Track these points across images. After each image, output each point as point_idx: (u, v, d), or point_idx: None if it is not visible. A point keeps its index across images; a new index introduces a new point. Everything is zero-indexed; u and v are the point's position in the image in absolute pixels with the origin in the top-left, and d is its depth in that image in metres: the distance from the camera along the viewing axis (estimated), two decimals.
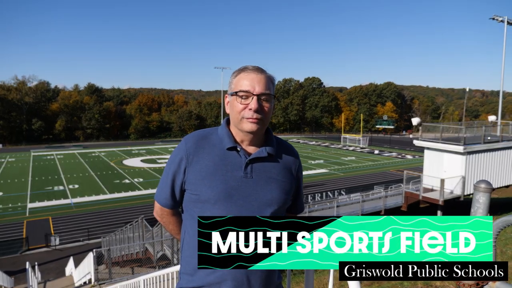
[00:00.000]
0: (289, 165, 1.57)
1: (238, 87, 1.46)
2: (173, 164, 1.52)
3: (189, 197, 1.50)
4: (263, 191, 1.47)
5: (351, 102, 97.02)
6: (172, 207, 1.60)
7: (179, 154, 1.50)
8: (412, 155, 48.68)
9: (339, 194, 25.08)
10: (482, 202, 1.42)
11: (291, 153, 1.61)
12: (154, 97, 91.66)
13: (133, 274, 11.30)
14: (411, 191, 18.96)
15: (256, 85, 1.44)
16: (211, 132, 1.55)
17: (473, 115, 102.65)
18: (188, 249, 1.51)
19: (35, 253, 17.80)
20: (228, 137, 1.50)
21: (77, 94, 79.14)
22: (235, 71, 1.53)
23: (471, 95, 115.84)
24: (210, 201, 1.42)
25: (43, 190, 29.47)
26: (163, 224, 1.70)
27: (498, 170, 18.96)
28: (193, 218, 1.47)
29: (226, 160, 1.47)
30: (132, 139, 78.24)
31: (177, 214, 1.66)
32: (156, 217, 1.69)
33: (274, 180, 1.50)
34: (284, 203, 1.52)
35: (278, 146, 1.58)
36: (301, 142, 67.30)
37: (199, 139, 1.51)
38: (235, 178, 1.45)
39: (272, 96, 1.49)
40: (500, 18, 27.21)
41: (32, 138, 70.40)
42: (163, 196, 1.57)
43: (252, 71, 1.48)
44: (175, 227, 1.68)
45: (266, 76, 1.49)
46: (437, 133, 19.43)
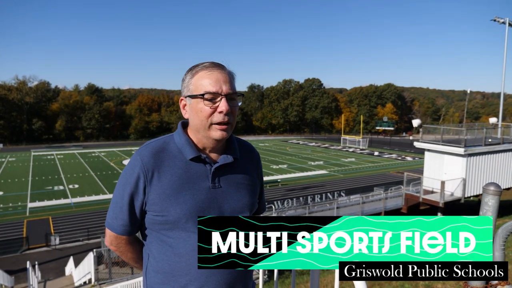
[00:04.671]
0: (253, 167, 1.49)
1: (202, 88, 1.29)
2: (129, 185, 1.31)
3: (152, 219, 1.32)
4: (234, 199, 1.36)
5: (351, 103, 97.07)
6: (130, 234, 1.39)
7: (135, 172, 1.30)
8: (412, 157, 48.68)
9: (339, 195, 25.07)
10: (491, 204, 1.41)
11: (252, 153, 1.52)
12: (154, 98, 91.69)
13: (133, 274, 11.31)
14: (411, 193, 18.95)
15: (223, 85, 1.29)
16: (167, 142, 1.37)
17: (473, 117, 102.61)
18: (155, 275, 1.35)
19: (35, 252, 17.81)
20: (189, 146, 1.34)
21: (77, 94, 79.34)
22: (190, 69, 1.36)
23: (471, 97, 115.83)
24: (180, 220, 1.28)
25: (43, 190, 29.50)
26: (119, 254, 1.48)
27: (499, 172, 18.95)
28: (161, 241, 1.33)
29: (190, 171, 1.32)
30: (132, 139, 78.25)
31: (135, 241, 1.46)
32: (109, 247, 1.46)
33: (242, 185, 1.40)
34: (254, 207, 1.45)
35: (240, 148, 1.46)
36: (301, 143, 67.32)
37: (156, 152, 1.32)
38: (203, 190, 1.32)
39: (241, 95, 1.36)
40: (502, 20, 27.22)
41: (33, 138, 70.50)
42: (119, 222, 1.36)
43: (212, 68, 1.32)
44: (134, 255, 1.47)
45: (229, 72, 1.35)
46: (437, 135, 19.44)
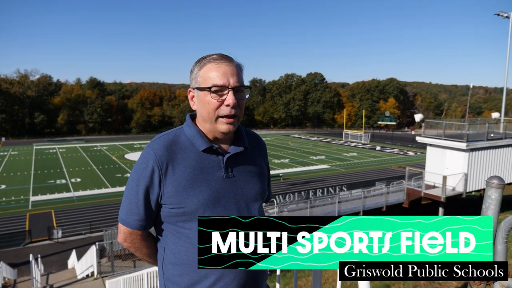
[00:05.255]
0: (260, 155, 1.53)
1: (210, 80, 1.30)
2: (143, 179, 1.31)
3: (169, 211, 1.33)
4: (247, 187, 1.40)
5: (353, 98, 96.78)
6: (145, 228, 1.40)
7: (149, 165, 1.31)
8: (414, 151, 48.60)
9: (341, 190, 25.08)
10: (494, 198, 1.40)
11: (259, 141, 1.56)
12: (156, 92, 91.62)
13: (135, 267, 11.38)
14: (413, 187, 18.94)
15: (230, 77, 1.30)
16: (177, 134, 1.39)
17: (476, 112, 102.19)
18: (173, 267, 1.36)
19: (38, 245, 17.92)
20: (200, 137, 1.36)
21: (79, 88, 79.37)
22: (198, 61, 1.37)
23: (474, 92, 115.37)
24: (198, 211, 1.29)
25: (45, 184, 29.62)
26: (133, 251, 1.47)
27: (501, 167, 18.91)
28: (178, 233, 1.34)
29: (203, 162, 1.34)
30: (133, 133, 78.35)
31: (149, 236, 1.47)
32: (123, 244, 1.44)
33: (253, 173, 1.44)
34: (265, 194, 1.49)
35: (248, 137, 1.50)
36: (303, 138, 67.27)
37: (168, 145, 1.33)
38: (218, 180, 1.34)
39: (248, 88, 1.38)
40: (505, 14, 27.02)
41: (35, 131, 70.67)
42: (134, 217, 1.35)
43: (220, 60, 1.33)
44: (149, 250, 1.47)
45: (236, 65, 1.35)
46: (439, 129, 19.39)
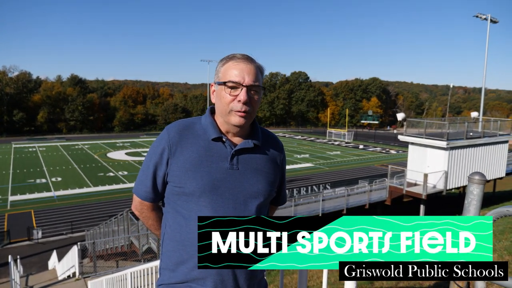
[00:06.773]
0: (274, 157, 1.54)
1: (227, 77, 1.40)
2: (155, 155, 1.45)
3: (172, 189, 1.44)
4: (249, 183, 1.43)
5: (337, 97, 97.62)
6: (152, 201, 1.52)
7: (161, 144, 1.44)
8: (396, 150, 49.36)
9: (324, 188, 25.28)
10: (476, 193, 1.43)
11: (276, 144, 1.58)
12: (139, 90, 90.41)
13: (118, 267, 11.21)
14: (395, 185, 19.23)
15: (246, 76, 1.39)
16: (194, 122, 1.49)
17: (455, 111, 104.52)
18: (169, 243, 1.46)
19: (17, 246, 17.49)
20: (213, 127, 1.45)
21: (59, 85, 77.37)
22: (223, 58, 1.47)
23: (454, 92, 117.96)
24: (195, 193, 1.37)
25: (25, 183, 28.90)
26: (142, 220, 1.62)
27: (480, 165, 19.39)
28: (176, 211, 1.43)
29: (211, 151, 1.42)
30: (116, 132, 77.05)
31: (157, 209, 1.59)
32: (134, 211, 1.60)
33: (260, 171, 1.46)
34: (269, 195, 1.49)
35: (264, 137, 1.54)
36: (287, 136, 67.48)
37: (182, 129, 1.45)
38: (221, 170, 1.40)
39: (262, 88, 1.44)
40: (484, 16, 27.67)
41: (13, 130, 68.75)
42: (143, 189, 1.50)
43: (241, 60, 1.42)
44: (155, 222, 1.61)
45: (256, 66, 1.43)
46: (421, 128, 19.75)
